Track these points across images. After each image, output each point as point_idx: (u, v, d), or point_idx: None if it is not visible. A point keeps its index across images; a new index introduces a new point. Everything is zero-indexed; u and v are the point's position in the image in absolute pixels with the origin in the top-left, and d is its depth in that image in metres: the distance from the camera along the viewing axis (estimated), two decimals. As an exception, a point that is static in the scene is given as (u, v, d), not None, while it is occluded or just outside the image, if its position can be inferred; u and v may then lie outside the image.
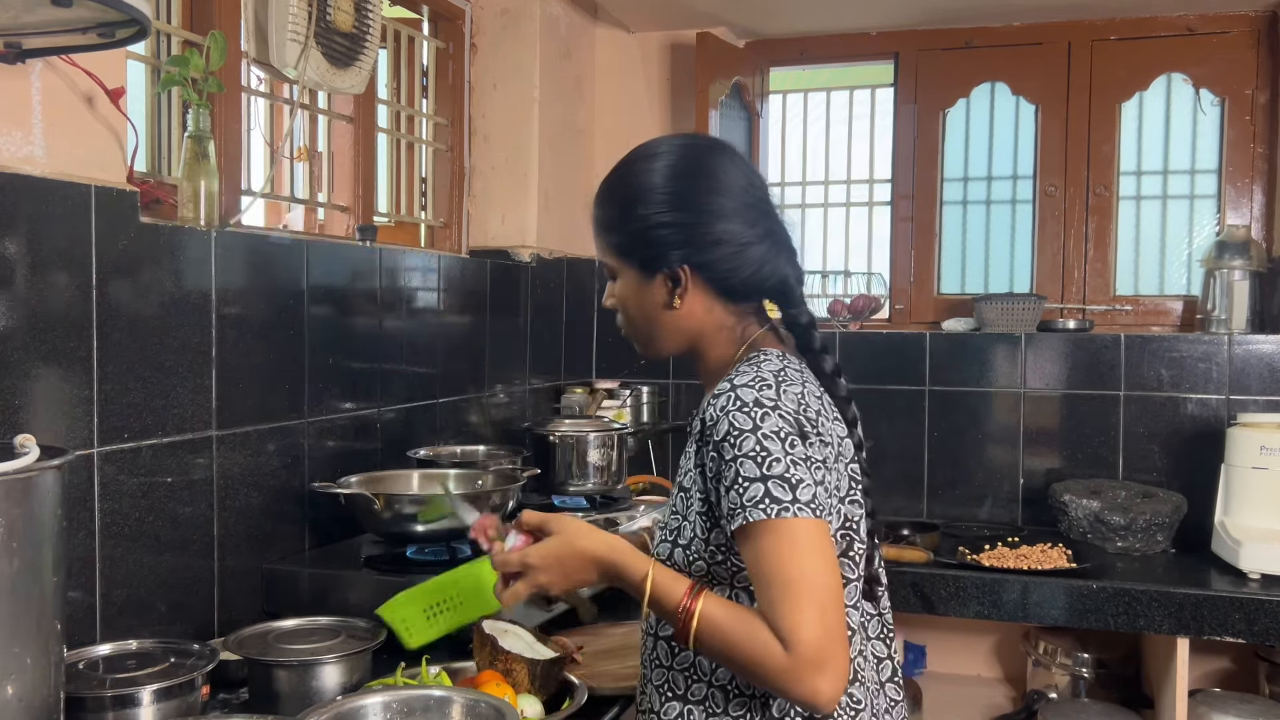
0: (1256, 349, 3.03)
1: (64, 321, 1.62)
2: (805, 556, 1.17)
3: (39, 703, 1.20)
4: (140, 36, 1.41)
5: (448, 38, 3.08)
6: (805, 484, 1.19)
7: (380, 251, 2.47)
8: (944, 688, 3.26)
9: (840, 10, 3.37)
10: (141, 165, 1.93)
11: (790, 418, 1.23)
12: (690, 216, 1.32)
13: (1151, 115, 3.42)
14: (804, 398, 1.28)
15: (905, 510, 3.29)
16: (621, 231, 1.36)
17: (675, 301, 1.35)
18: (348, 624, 1.79)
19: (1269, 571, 2.57)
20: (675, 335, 1.39)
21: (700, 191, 1.33)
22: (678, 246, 1.33)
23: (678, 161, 1.35)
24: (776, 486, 1.18)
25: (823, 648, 1.14)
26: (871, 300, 3.47)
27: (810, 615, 1.14)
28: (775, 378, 1.26)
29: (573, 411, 3.23)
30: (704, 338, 1.38)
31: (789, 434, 1.21)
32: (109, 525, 1.71)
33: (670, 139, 1.41)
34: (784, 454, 1.20)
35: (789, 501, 1.17)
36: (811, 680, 1.14)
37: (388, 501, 2.05)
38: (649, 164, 1.36)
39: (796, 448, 1.21)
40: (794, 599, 1.15)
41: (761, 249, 1.34)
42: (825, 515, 1.21)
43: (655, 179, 1.35)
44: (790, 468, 1.19)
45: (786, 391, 1.25)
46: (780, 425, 1.21)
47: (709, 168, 1.35)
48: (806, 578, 1.16)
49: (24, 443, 1.20)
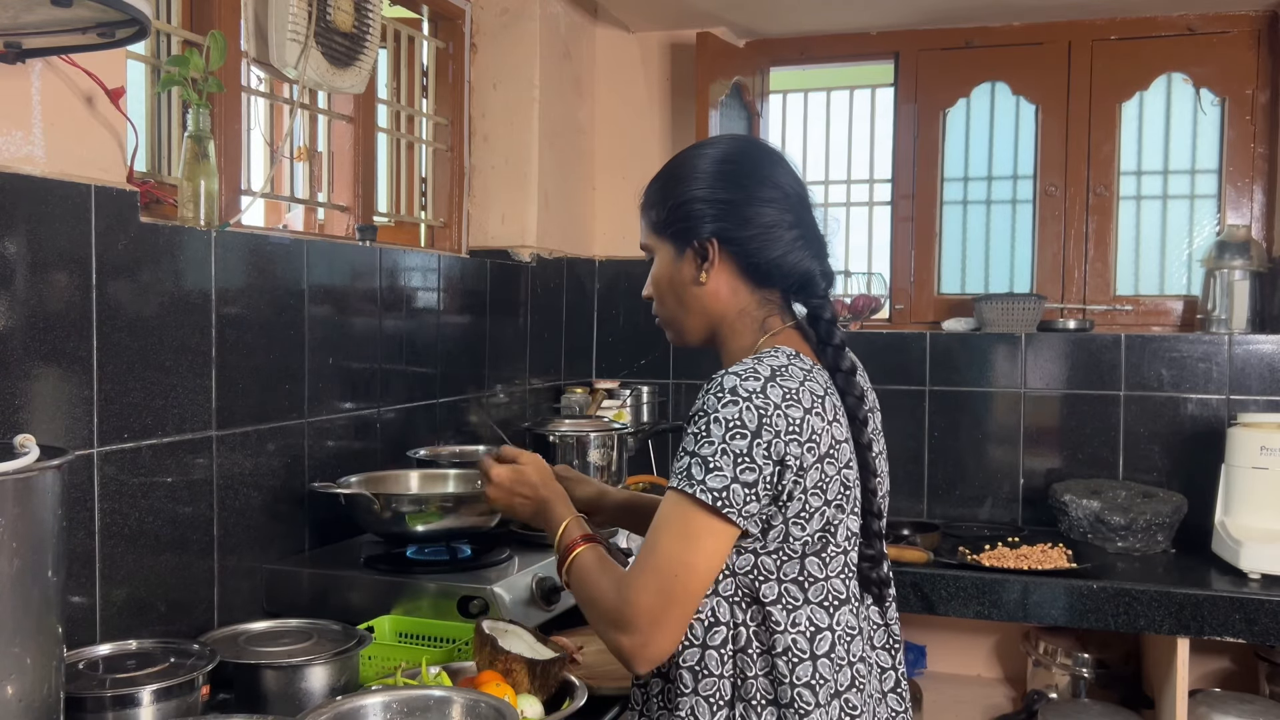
0: (1257, 349, 3.03)
1: (64, 321, 1.62)
2: (676, 537, 1.25)
3: (39, 703, 1.20)
4: (140, 36, 1.41)
5: (448, 37, 3.08)
6: (721, 474, 1.23)
7: (380, 251, 2.47)
8: (944, 688, 3.26)
9: (840, 10, 3.37)
10: (141, 165, 1.93)
11: (754, 413, 1.24)
12: (725, 194, 1.38)
13: (1152, 115, 3.42)
14: (793, 396, 1.27)
15: (905, 510, 3.29)
16: (661, 207, 1.43)
17: (702, 276, 1.39)
18: (318, 625, 1.79)
19: (1269, 571, 2.57)
20: (701, 317, 1.42)
21: (739, 175, 1.39)
22: (709, 220, 1.38)
23: (725, 150, 1.44)
24: (696, 465, 1.24)
25: (644, 619, 1.24)
26: (872, 300, 3.47)
27: (649, 585, 1.25)
28: (771, 372, 1.27)
29: (573, 411, 3.23)
30: (726, 322, 1.41)
31: (737, 428, 1.24)
32: (109, 525, 1.71)
33: (724, 135, 1.53)
34: (721, 441, 1.24)
35: (698, 482, 1.23)
36: (619, 635, 1.27)
37: (387, 501, 2.05)
38: (698, 150, 1.46)
39: (736, 441, 1.23)
40: (645, 565, 1.26)
41: (790, 236, 1.39)
42: (730, 511, 1.24)
43: (701, 162, 1.42)
44: (716, 455, 1.23)
45: (773, 388, 1.26)
46: (736, 416, 1.24)
47: (752, 157, 1.42)
48: (664, 553, 1.25)
49: (24, 443, 1.20)
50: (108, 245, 1.70)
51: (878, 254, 3.77)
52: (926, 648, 3.42)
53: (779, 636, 1.29)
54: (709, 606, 1.32)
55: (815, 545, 1.30)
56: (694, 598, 1.27)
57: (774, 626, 1.30)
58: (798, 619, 1.30)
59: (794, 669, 1.29)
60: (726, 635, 1.32)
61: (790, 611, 1.30)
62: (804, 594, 1.30)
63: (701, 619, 1.32)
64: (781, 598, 1.30)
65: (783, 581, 1.30)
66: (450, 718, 1.38)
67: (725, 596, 1.31)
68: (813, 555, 1.30)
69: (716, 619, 1.32)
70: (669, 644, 1.27)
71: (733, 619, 1.31)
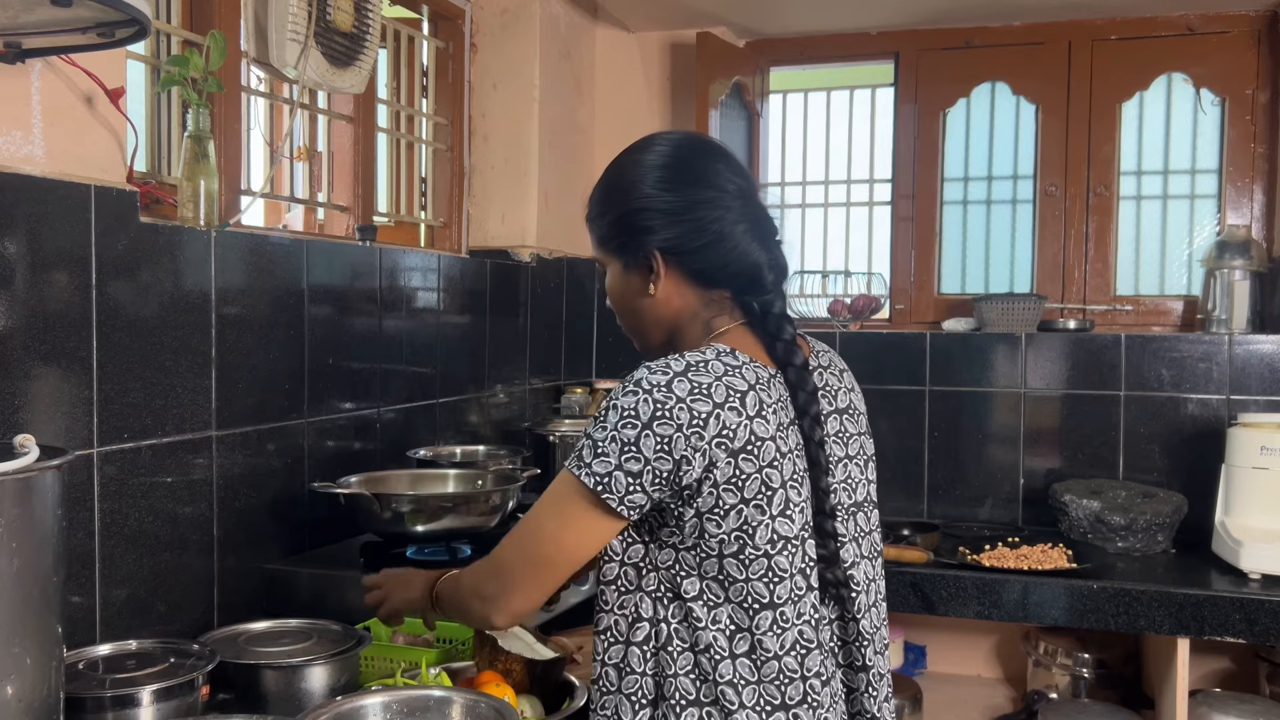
0: (1257, 349, 3.03)
1: (64, 321, 1.62)
2: (552, 514, 1.29)
3: (39, 703, 1.20)
4: (140, 36, 1.41)
5: (448, 37, 3.08)
6: (607, 459, 1.24)
7: (380, 251, 2.47)
8: (944, 688, 3.26)
9: (840, 10, 3.37)
10: (141, 165, 1.93)
11: (650, 405, 1.23)
12: (662, 203, 1.35)
13: (1152, 115, 3.42)
14: (703, 390, 1.24)
15: (905, 510, 3.29)
16: (601, 221, 1.41)
17: (651, 288, 1.37)
18: (318, 625, 1.79)
19: (1269, 571, 2.57)
20: (656, 326, 1.41)
21: (676, 181, 1.36)
22: (650, 233, 1.36)
23: (660, 155, 1.39)
24: (586, 448, 1.26)
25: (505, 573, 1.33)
26: (872, 300, 3.47)
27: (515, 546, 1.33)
28: (685, 366, 1.25)
29: (573, 411, 3.23)
30: (678, 328, 1.39)
31: (630, 417, 1.23)
32: (109, 525, 1.71)
33: (654, 135, 1.43)
34: (613, 428, 1.24)
35: (585, 465, 1.25)
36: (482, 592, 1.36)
37: (387, 501, 2.05)
38: (633, 157, 1.41)
39: (627, 430, 1.23)
40: (517, 531, 1.33)
41: (737, 233, 1.35)
42: (609, 497, 1.24)
43: (635, 171, 1.39)
44: (606, 441, 1.24)
45: (680, 382, 1.24)
46: (633, 405, 1.24)
47: (687, 159, 1.38)
48: (536, 523, 1.31)
49: (24, 443, 1.20)
50: (107, 245, 1.70)
51: (878, 254, 3.77)
52: (926, 648, 3.42)
53: (701, 633, 1.27)
54: (633, 602, 1.31)
55: (732, 545, 1.26)
56: (556, 571, 1.31)
57: (695, 623, 1.28)
58: (718, 616, 1.28)
59: (716, 666, 1.27)
60: (649, 632, 1.30)
61: (711, 609, 1.28)
62: (725, 592, 1.28)
63: (626, 615, 1.32)
64: (703, 594, 1.28)
65: (704, 578, 1.28)
66: (450, 718, 1.38)
67: (648, 592, 1.31)
68: (730, 556, 1.26)
69: (640, 615, 1.31)
70: (524, 603, 1.32)
71: (655, 614, 1.30)
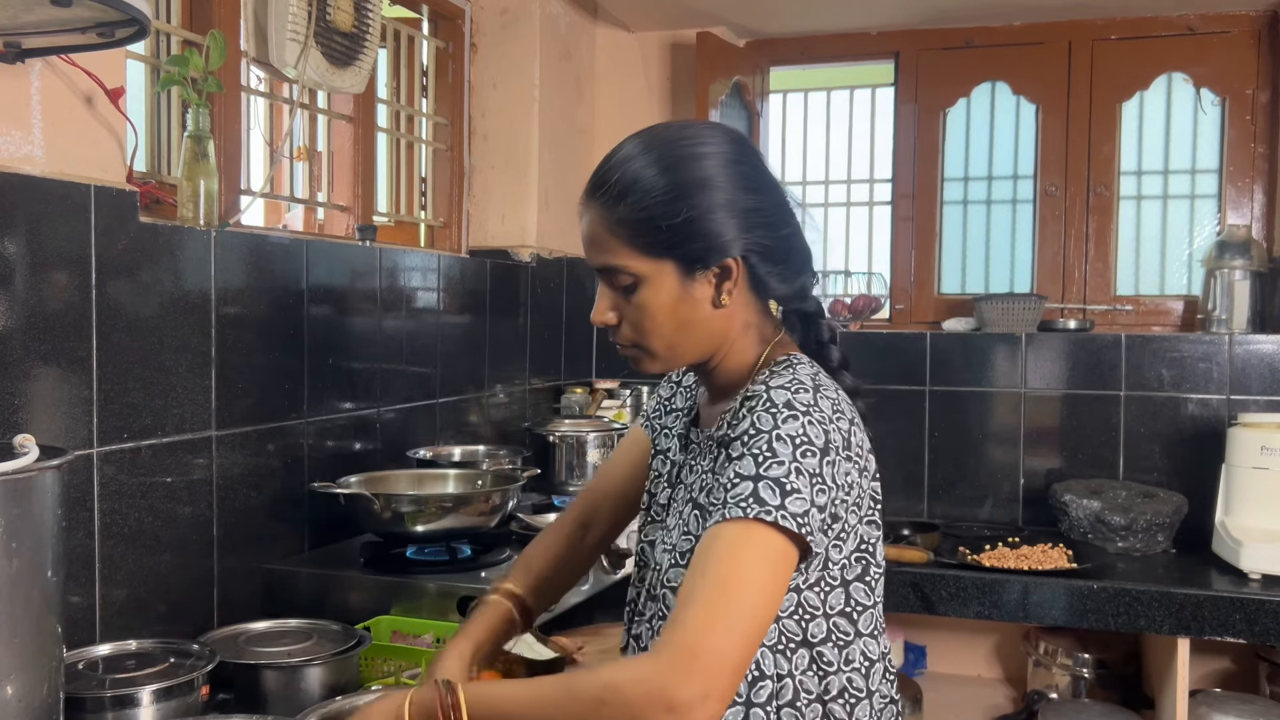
0: (1257, 349, 3.03)
1: (64, 321, 1.62)
2: (756, 567, 1.04)
3: (39, 703, 1.20)
4: (140, 36, 1.41)
5: (447, 37, 3.08)
6: (800, 496, 1.06)
7: (380, 251, 2.47)
8: (944, 688, 3.25)
9: (840, 10, 3.36)
10: (141, 165, 1.92)
11: (818, 427, 1.10)
12: (747, 201, 1.19)
13: (1152, 115, 3.42)
14: (839, 404, 1.16)
15: (905, 510, 3.28)
16: (660, 223, 1.17)
17: (724, 298, 1.20)
18: (318, 626, 1.79)
19: (1270, 572, 2.57)
20: (705, 341, 1.23)
21: (753, 175, 1.22)
22: (735, 235, 1.18)
23: (727, 148, 1.22)
24: (767, 489, 1.06)
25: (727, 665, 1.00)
26: (872, 300, 3.47)
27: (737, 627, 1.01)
28: (812, 381, 1.15)
29: (573, 411, 3.23)
30: (729, 340, 1.23)
31: (804, 444, 1.08)
32: (109, 525, 1.70)
33: (703, 128, 1.25)
34: (790, 459, 1.07)
35: (774, 506, 1.05)
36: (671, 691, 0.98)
37: (387, 501, 2.05)
38: (693, 149, 1.20)
39: (808, 459, 1.08)
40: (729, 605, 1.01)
41: (800, 238, 1.25)
42: (813, 539, 1.08)
43: (708, 165, 1.19)
44: (791, 474, 1.06)
45: (823, 398, 1.14)
46: (801, 432, 1.09)
47: (749, 155, 1.24)
48: (751, 588, 1.03)
49: (24, 443, 1.20)
50: (107, 245, 1.70)
51: (878, 254, 3.77)
52: (926, 648, 3.42)
53: (833, 678, 1.16)
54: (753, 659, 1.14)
55: (855, 569, 1.17)
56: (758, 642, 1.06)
57: (826, 668, 1.16)
58: (850, 655, 1.17)
59: (852, 711, 1.16)
60: (772, 690, 1.15)
61: (842, 649, 1.17)
62: (854, 626, 1.18)
63: (745, 675, 1.13)
64: (831, 634, 1.16)
65: (830, 616, 1.16)
66: (450, 718, 1.37)
67: (769, 646, 1.15)
68: (856, 580, 1.18)
69: (761, 672, 1.15)
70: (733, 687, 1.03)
71: (777, 670, 1.15)
